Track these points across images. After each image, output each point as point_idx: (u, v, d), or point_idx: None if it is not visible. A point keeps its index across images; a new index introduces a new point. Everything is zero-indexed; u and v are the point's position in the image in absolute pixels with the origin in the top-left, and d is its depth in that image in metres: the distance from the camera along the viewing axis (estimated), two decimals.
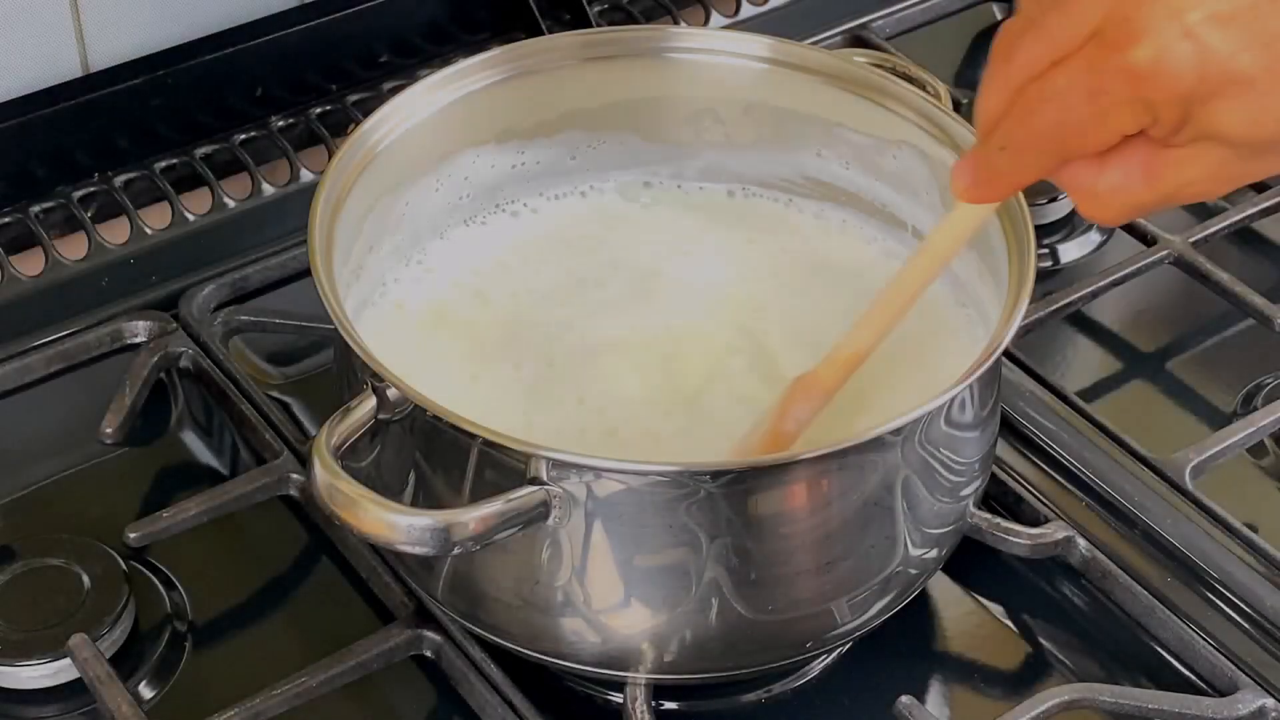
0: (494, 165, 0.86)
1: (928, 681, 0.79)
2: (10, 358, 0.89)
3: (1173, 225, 0.97)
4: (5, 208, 0.94)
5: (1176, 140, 0.59)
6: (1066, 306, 0.92)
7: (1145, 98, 0.57)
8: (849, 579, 0.72)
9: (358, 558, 0.80)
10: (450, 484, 0.70)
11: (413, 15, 1.04)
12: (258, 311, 0.93)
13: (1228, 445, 0.85)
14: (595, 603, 0.70)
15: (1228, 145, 0.58)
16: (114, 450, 0.87)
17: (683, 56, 0.85)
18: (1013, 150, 0.61)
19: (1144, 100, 0.57)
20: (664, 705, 0.77)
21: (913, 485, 0.71)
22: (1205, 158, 0.59)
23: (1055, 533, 0.81)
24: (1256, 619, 0.80)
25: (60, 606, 0.78)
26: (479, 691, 0.75)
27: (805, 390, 0.72)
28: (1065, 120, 0.59)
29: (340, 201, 0.77)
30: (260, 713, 0.74)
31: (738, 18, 1.11)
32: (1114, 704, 0.76)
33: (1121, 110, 0.58)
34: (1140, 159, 0.60)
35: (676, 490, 0.67)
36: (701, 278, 0.84)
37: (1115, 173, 0.60)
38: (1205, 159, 0.59)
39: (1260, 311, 0.92)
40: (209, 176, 0.98)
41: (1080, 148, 0.60)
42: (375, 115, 0.80)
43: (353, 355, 0.70)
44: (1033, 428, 0.87)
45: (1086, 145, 0.60)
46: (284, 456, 0.83)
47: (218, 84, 0.99)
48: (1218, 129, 0.58)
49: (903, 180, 0.84)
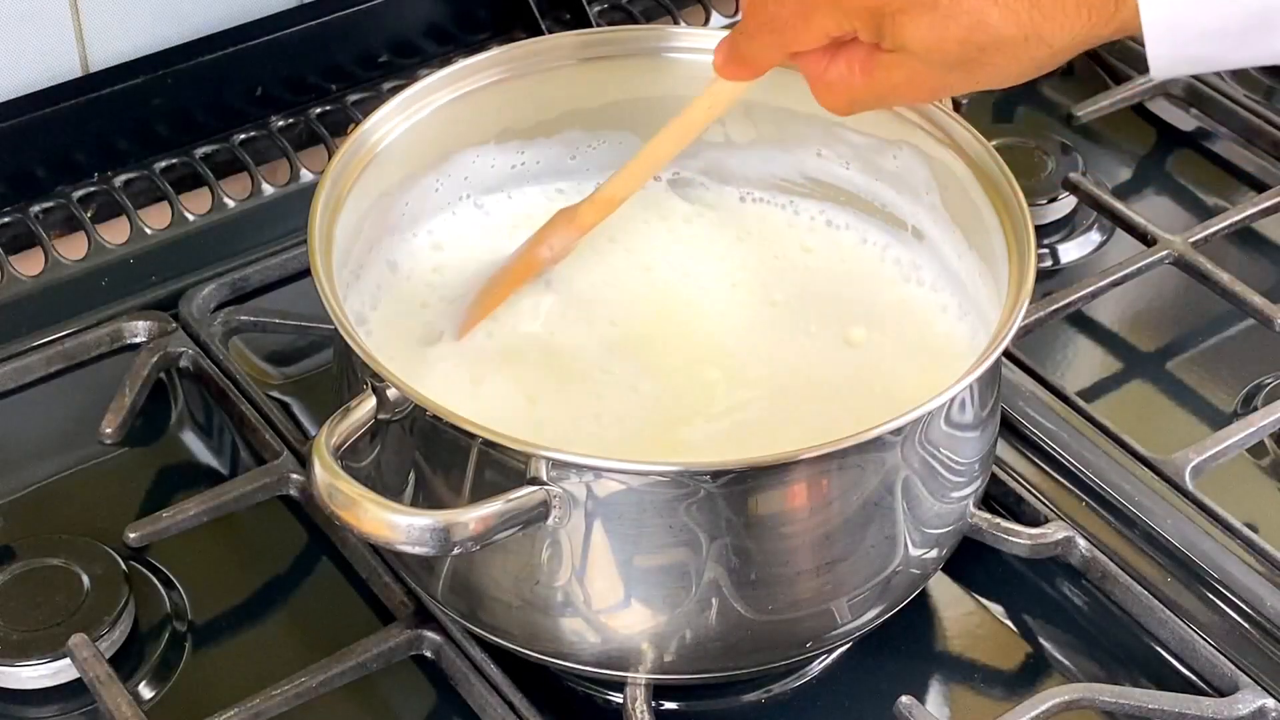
0: (494, 165, 0.86)
1: (928, 681, 0.79)
2: (10, 358, 0.89)
3: (1173, 225, 0.97)
4: (5, 208, 0.94)
5: (884, 45, 0.67)
6: (1066, 306, 0.92)
7: (841, 6, 0.67)
8: (849, 579, 0.72)
9: (358, 558, 0.80)
10: (450, 484, 0.70)
11: (413, 15, 1.04)
12: (258, 311, 0.93)
13: (1228, 445, 0.85)
14: (595, 603, 0.70)
15: (918, 57, 0.66)
16: (114, 450, 0.87)
17: (683, 56, 0.85)
18: (747, 35, 0.72)
19: (841, 8, 0.67)
20: (664, 705, 0.77)
21: (913, 485, 0.71)
22: (905, 65, 0.67)
23: (1055, 533, 0.81)
24: (1256, 619, 0.79)
25: (60, 606, 0.78)
26: (479, 691, 0.75)
27: (565, 222, 0.80)
28: (779, 15, 0.69)
29: (340, 201, 0.77)
30: (260, 713, 0.74)
31: (738, 18, 1.10)
32: (1114, 704, 0.76)
33: (823, 14, 0.67)
34: (859, 58, 0.69)
35: (676, 490, 0.67)
36: (701, 277, 0.84)
37: (840, 66, 0.70)
38: (905, 66, 0.67)
39: (1260, 311, 0.92)
40: (209, 176, 0.98)
41: (794, 43, 0.70)
42: (375, 115, 0.80)
43: (353, 355, 0.70)
44: (1033, 428, 0.87)
45: (798, 41, 0.69)
46: (284, 456, 0.83)
47: (218, 84, 0.99)
48: (906, 42, 0.66)
49: (903, 180, 0.84)
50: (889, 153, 0.84)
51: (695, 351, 0.80)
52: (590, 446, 0.74)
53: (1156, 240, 0.95)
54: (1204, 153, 1.07)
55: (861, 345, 0.81)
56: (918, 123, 0.82)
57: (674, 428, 0.76)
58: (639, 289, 0.83)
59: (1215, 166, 1.06)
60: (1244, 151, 1.06)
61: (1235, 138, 1.06)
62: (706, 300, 0.83)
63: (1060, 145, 1.03)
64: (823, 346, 0.80)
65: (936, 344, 0.80)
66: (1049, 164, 1.01)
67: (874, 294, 0.83)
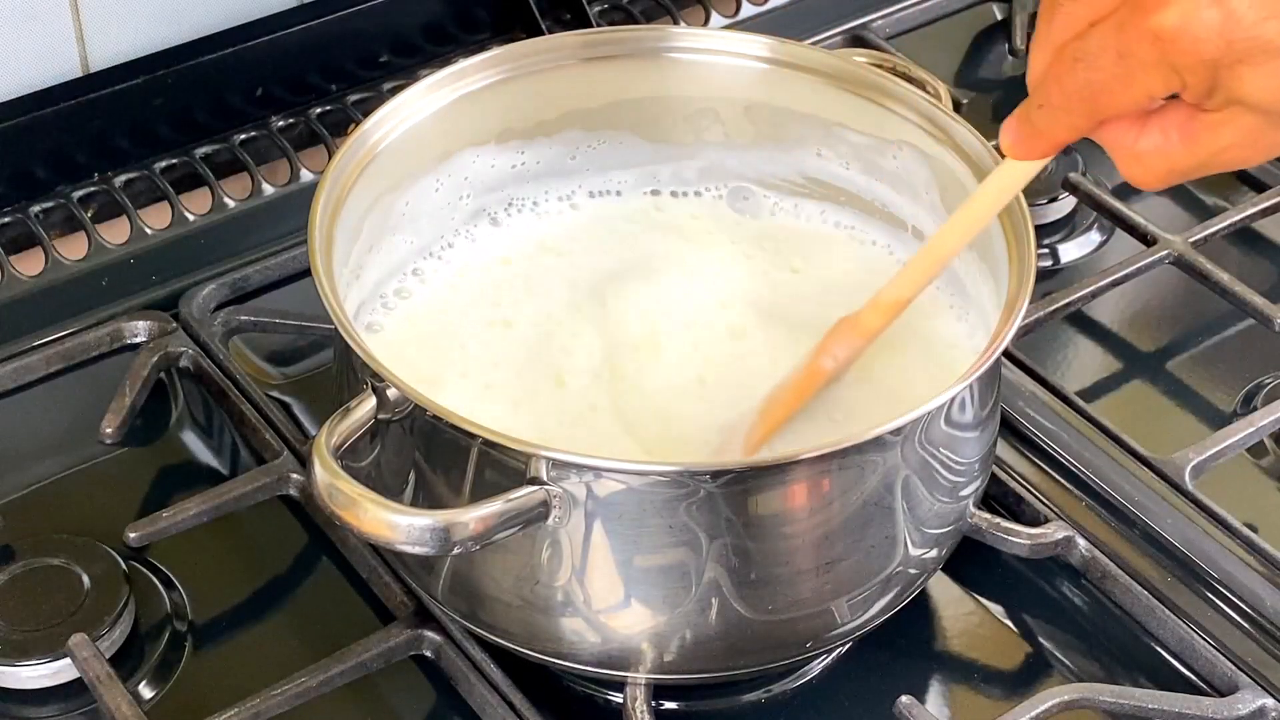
0: (494, 165, 0.86)
1: (928, 681, 0.79)
2: (10, 358, 0.89)
3: (1173, 225, 0.97)
4: (5, 208, 0.94)
5: (1210, 105, 0.60)
6: (1066, 306, 0.92)
7: (1171, 61, 0.58)
8: (849, 579, 0.72)
9: (358, 558, 0.80)
10: (450, 484, 0.70)
11: (413, 15, 1.04)
12: (258, 311, 0.93)
13: (1228, 445, 0.85)
14: (595, 603, 0.70)
15: (1258, 112, 0.59)
16: (114, 450, 0.87)
17: (683, 56, 0.85)
18: (1049, 108, 0.63)
19: (1170, 64, 0.58)
20: (664, 705, 0.77)
21: (913, 485, 0.71)
22: (1238, 123, 0.60)
23: (1055, 533, 0.81)
24: (1256, 619, 0.80)
25: (60, 606, 0.78)
26: (479, 691, 0.75)
27: (848, 331, 0.75)
28: (1094, 80, 0.60)
29: (340, 201, 0.77)
30: (260, 713, 0.74)
31: (738, 18, 1.11)
32: (1114, 704, 0.76)
33: (1149, 73, 0.59)
34: (1178, 122, 0.61)
35: (676, 490, 0.67)
36: (701, 276, 0.84)
37: (1154, 135, 0.62)
38: (1238, 124, 0.60)
39: (1260, 311, 0.92)
40: (209, 176, 0.98)
41: (1111, 108, 0.61)
42: (375, 115, 0.80)
43: (353, 355, 0.70)
44: (1033, 428, 0.87)
45: (1117, 105, 0.61)
46: (284, 456, 0.83)
47: (218, 84, 0.99)
48: (1245, 95, 0.58)
49: (903, 180, 0.84)
50: (889, 153, 0.84)
51: (696, 350, 0.80)
52: (591, 444, 0.75)
53: (1156, 240, 0.95)
54: None
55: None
56: (918, 123, 0.82)
57: (677, 424, 0.76)
58: (639, 289, 0.83)
59: None
60: None
61: None
62: (705, 298, 0.82)
63: None
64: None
65: (937, 344, 0.80)
66: (1049, 164, 1.01)
67: (871, 294, 0.83)
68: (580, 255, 0.84)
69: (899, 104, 0.82)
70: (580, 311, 0.81)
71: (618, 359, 0.79)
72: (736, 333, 0.81)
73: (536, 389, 0.78)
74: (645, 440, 0.76)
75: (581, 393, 0.78)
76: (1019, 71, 1.12)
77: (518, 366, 0.79)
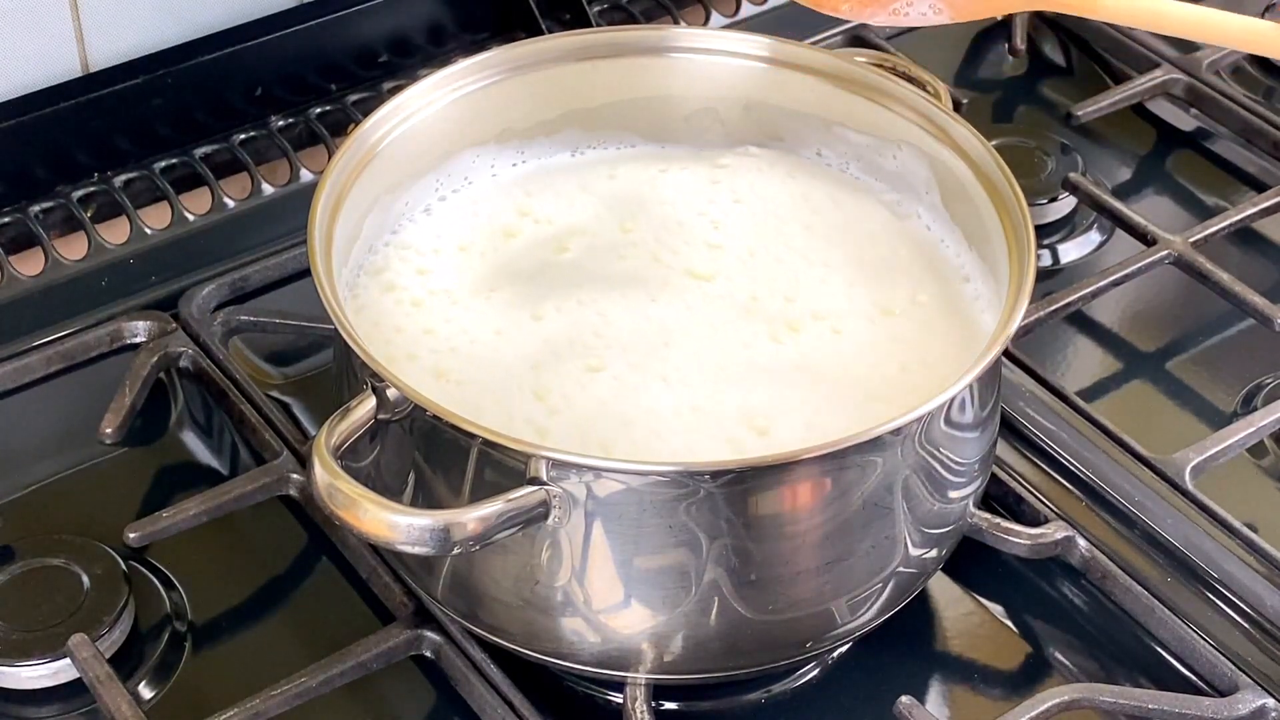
0: (494, 165, 0.86)
1: (928, 681, 0.79)
2: (10, 358, 0.89)
3: (1173, 225, 0.97)
4: (5, 208, 0.94)
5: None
6: (1066, 306, 0.92)
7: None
8: (849, 579, 0.72)
9: (358, 558, 0.81)
10: (450, 484, 0.70)
11: (413, 15, 1.04)
12: (257, 311, 0.93)
13: (1228, 445, 0.85)
14: (595, 603, 0.70)
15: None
16: (114, 450, 0.87)
17: (683, 56, 0.85)
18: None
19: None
20: (664, 705, 0.77)
21: (913, 485, 0.71)
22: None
23: (1055, 533, 0.81)
24: (1256, 619, 0.80)
25: (60, 606, 0.78)
26: (479, 691, 0.75)
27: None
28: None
29: (340, 201, 0.77)
30: (260, 713, 0.74)
31: (738, 17, 1.11)
32: (1114, 704, 0.76)
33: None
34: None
35: (676, 490, 0.67)
36: (701, 275, 0.83)
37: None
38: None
39: (1260, 311, 0.92)
40: (209, 176, 0.98)
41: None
42: (375, 115, 0.80)
43: (353, 355, 0.70)
44: (1033, 428, 0.87)
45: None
46: (284, 456, 0.83)
47: (218, 84, 0.99)
48: None
49: (903, 180, 0.84)
50: (889, 153, 0.84)
51: (696, 350, 0.80)
52: (592, 444, 0.74)
53: (1156, 240, 0.95)
54: (1204, 153, 1.07)
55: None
56: (918, 123, 0.82)
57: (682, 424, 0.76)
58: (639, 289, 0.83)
59: (1215, 166, 1.06)
60: (1244, 151, 1.06)
61: (1235, 138, 1.06)
62: (706, 299, 0.82)
63: (1060, 145, 1.03)
64: (822, 345, 0.80)
65: (937, 344, 0.80)
66: (1049, 164, 1.02)
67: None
68: (580, 255, 0.84)
69: (899, 104, 0.83)
70: (584, 310, 0.81)
71: (620, 355, 0.79)
72: (739, 331, 0.81)
73: (542, 386, 0.78)
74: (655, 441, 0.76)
75: (587, 387, 0.78)
76: (1019, 71, 1.13)
77: (521, 364, 0.79)
